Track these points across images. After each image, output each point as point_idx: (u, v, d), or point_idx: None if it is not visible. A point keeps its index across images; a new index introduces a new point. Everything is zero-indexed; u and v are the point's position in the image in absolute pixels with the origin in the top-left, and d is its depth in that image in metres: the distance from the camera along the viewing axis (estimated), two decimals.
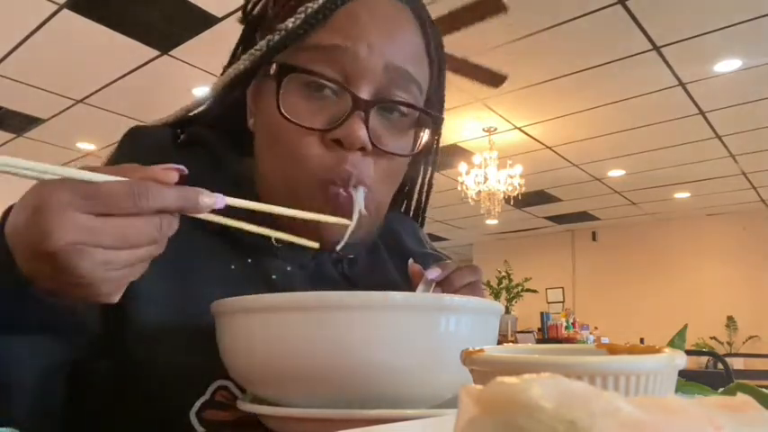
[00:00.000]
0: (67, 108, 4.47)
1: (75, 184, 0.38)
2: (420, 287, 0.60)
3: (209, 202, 0.41)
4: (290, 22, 0.53)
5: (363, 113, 0.52)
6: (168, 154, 0.50)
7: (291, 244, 0.51)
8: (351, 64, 0.52)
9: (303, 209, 0.50)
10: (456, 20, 3.10)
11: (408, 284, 0.64)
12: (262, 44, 0.55)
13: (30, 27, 3.35)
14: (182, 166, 0.41)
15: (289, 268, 0.62)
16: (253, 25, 0.61)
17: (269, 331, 0.43)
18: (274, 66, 0.53)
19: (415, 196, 0.74)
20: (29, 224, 0.37)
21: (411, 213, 0.77)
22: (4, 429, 0.41)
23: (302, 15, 0.53)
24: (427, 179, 0.73)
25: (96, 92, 4.18)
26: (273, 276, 0.60)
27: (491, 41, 3.45)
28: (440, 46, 0.61)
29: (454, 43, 3.24)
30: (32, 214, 0.37)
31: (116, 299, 0.41)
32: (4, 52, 3.64)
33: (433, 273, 0.58)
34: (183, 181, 0.41)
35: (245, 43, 0.61)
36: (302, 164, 0.53)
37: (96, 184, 0.38)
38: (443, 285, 0.59)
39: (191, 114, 0.65)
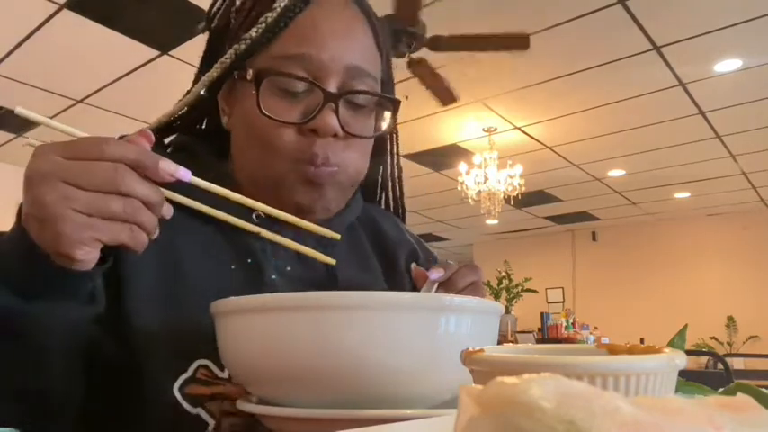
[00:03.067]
0: (67, 108, 4.47)
1: (64, 140, 0.45)
2: (424, 288, 0.62)
3: (170, 169, 0.45)
4: (253, 32, 0.61)
5: (333, 105, 0.60)
6: None
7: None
8: (317, 68, 0.61)
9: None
10: (479, 42, 3.15)
11: (383, 264, 0.74)
12: (230, 53, 0.63)
13: (30, 27, 3.35)
14: (149, 133, 0.47)
15: (288, 268, 0.65)
16: (218, 35, 0.68)
17: (269, 331, 0.43)
18: (251, 72, 0.61)
19: (390, 185, 0.82)
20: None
21: (391, 207, 0.84)
22: (4, 429, 0.41)
23: (263, 25, 0.60)
24: (396, 163, 0.81)
25: (96, 92, 4.18)
26: (273, 277, 0.64)
27: None
28: (385, 36, 0.69)
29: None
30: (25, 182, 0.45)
31: (81, 256, 0.43)
32: (4, 52, 3.64)
33: (436, 274, 0.62)
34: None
35: (212, 52, 0.68)
36: (280, 152, 0.61)
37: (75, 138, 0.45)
38: (446, 286, 0.64)
39: (170, 120, 0.71)
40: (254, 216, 0.60)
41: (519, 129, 4.94)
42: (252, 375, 0.47)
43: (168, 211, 0.48)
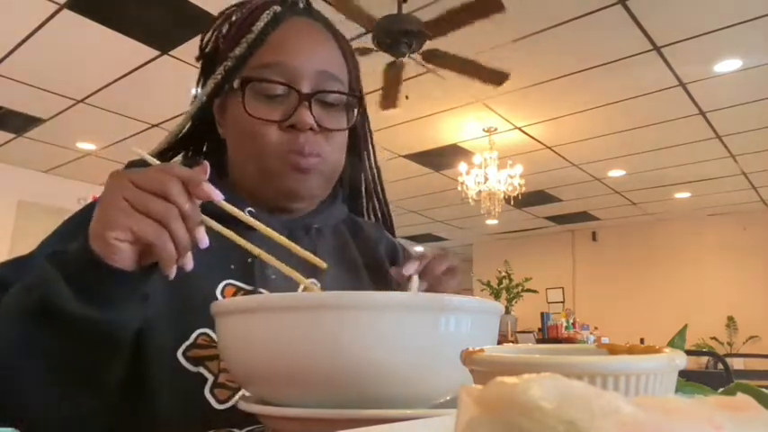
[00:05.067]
0: (67, 108, 4.47)
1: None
2: (409, 286, 0.64)
3: (208, 189, 0.52)
4: (237, 50, 0.73)
5: (307, 103, 0.70)
6: None
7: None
8: (291, 73, 0.71)
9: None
10: (454, 20, 3.12)
11: (366, 258, 0.83)
12: (220, 70, 0.74)
13: (30, 27, 3.35)
14: (206, 165, 0.54)
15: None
16: (210, 59, 0.78)
17: (268, 331, 0.43)
18: (237, 81, 0.72)
19: (372, 187, 0.92)
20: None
21: (379, 217, 0.93)
22: (4, 429, 0.41)
23: (245, 44, 0.73)
24: (374, 163, 0.91)
25: (96, 92, 4.19)
26: (273, 277, 0.70)
27: (491, 41, 3.46)
28: (352, 53, 0.81)
29: (454, 43, 3.24)
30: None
31: (111, 239, 0.50)
32: (4, 52, 3.64)
33: (410, 268, 0.67)
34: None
35: (206, 74, 0.79)
36: (268, 147, 0.71)
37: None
38: (425, 276, 0.68)
39: (175, 138, 0.81)
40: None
41: (519, 129, 4.95)
42: (252, 375, 0.47)
43: (203, 240, 0.54)
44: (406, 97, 3.85)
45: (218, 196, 0.53)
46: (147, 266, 0.53)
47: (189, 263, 0.54)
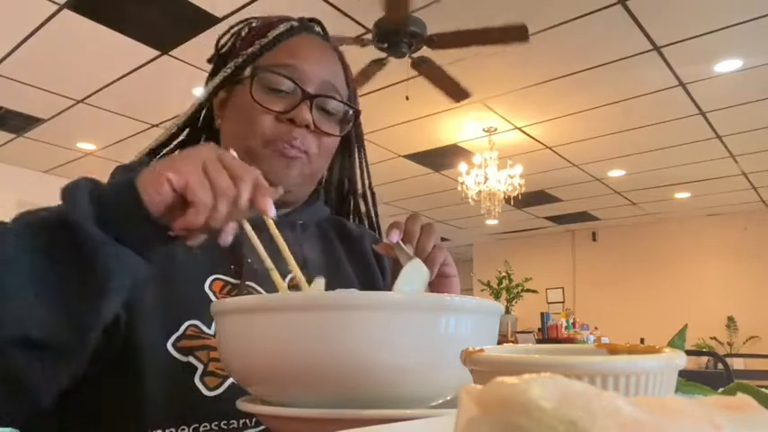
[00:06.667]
0: (67, 108, 4.47)
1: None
2: (401, 255, 0.65)
3: (268, 205, 0.54)
4: (249, 50, 0.79)
5: (309, 102, 0.76)
6: None
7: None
8: (300, 74, 0.76)
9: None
10: (468, 39, 3.18)
11: (351, 258, 0.87)
12: (231, 65, 0.80)
13: (30, 27, 3.35)
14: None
15: None
16: (223, 57, 0.83)
17: (269, 331, 0.43)
18: (249, 69, 0.77)
19: (360, 192, 0.96)
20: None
21: (365, 222, 0.96)
22: (4, 429, 0.41)
23: (257, 45, 0.78)
24: (365, 172, 0.94)
25: (96, 92, 4.18)
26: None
27: None
28: (352, 78, 0.88)
29: None
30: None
31: (159, 195, 0.51)
32: (4, 52, 3.64)
33: (394, 236, 0.68)
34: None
35: (217, 69, 0.83)
36: (260, 133, 0.75)
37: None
38: (407, 239, 0.69)
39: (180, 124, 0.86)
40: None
41: (519, 129, 4.94)
42: (252, 375, 0.47)
43: (226, 237, 0.55)
44: (407, 98, 3.85)
45: (272, 213, 0.55)
46: (164, 229, 0.53)
47: (226, 235, 0.55)
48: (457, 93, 3.81)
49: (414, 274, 0.60)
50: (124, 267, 0.52)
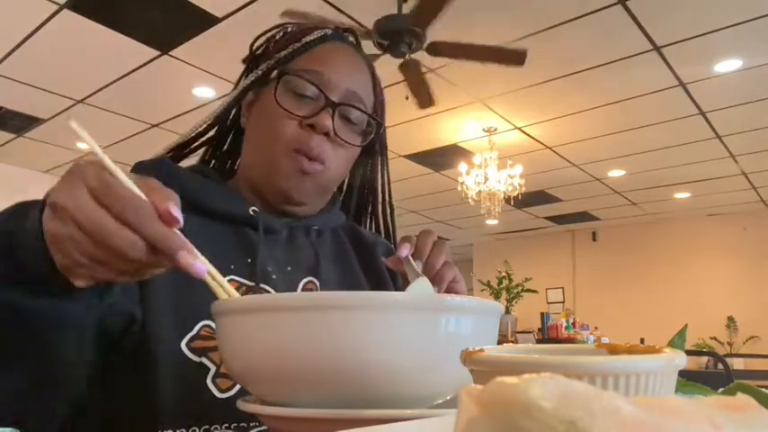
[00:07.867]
0: (67, 108, 4.47)
1: (103, 169, 0.43)
2: (409, 270, 0.65)
3: (188, 262, 0.43)
4: (282, 53, 0.79)
5: (331, 110, 0.75)
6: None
7: None
8: (325, 82, 0.76)
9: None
10: (466, 53, 3.21)
11: (362, 260, 0.87)
12: (263, 66, 0.80)
13: (30, 27, 3.35)
14: (181, 222, 0.43)
15: (289, 268, 0.75)
16: (256, 59, 0.84)
17: (268, 331, 0.43)
18: (276, 72, 0.77)
19: (380, 200, 0.95)
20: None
21: (381, 230, 0.96)
22: (4, 429, 0.41)
23: (290, 50, 0.79)
24: (386, 183, 0.94)
25: (96, 92, 4.18)
26: (274, 277, 0.74)
27: (491, 41, 3.45)
28: (381, 88, 0.88)
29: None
30: (64, 174, 0.44)
31: (78, 280, 0.44)
32: (4, 52, 3.64)
33: (404, 250, 0.67)
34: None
35: (249, 71, 0.84)
36: (281, 139, 0.75)
37: (117, 179, 0.43)
38: (418, 255, 0.69)
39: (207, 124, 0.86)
40: (250, 210, 0.76)
41: (519, 129, 4.94)
42: (252, 375, 0.47)
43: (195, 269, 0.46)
44: (407, 98, 3.85)
45: (201, 272, 0.44)
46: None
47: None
48: (425, 100, 3.82)
49: (418, 291, 0.61)
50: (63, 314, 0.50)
